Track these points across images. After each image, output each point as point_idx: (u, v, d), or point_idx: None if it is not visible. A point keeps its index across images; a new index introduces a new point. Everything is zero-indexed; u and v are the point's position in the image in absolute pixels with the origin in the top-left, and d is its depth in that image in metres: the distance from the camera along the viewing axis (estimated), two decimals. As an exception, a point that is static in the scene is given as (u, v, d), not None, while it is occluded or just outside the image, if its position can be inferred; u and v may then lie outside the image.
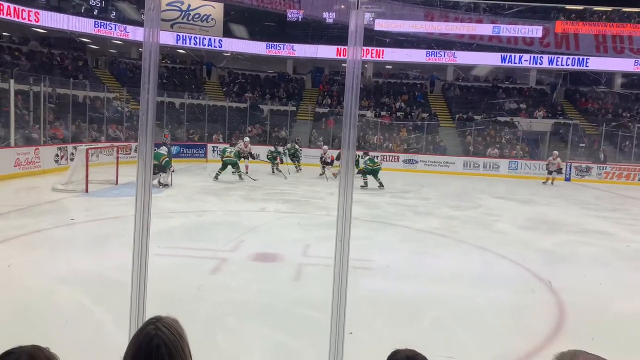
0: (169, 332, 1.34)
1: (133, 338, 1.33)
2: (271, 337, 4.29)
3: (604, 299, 5.63)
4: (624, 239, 9.15)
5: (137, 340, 1.32)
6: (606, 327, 4.76)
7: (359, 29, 1.84)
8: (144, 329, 1.34)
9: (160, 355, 1.29)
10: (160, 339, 1.31)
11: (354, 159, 1.85)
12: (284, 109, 25.66)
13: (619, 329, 4.78)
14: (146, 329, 1.33)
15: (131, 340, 1.32)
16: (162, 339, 1.31)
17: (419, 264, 6.94)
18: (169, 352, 1.31)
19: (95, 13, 25.80)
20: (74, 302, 4.82)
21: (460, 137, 24.47)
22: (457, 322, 4.79)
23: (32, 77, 17.13)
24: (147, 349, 1.29)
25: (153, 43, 1.64)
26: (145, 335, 1.32)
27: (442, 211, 11.41)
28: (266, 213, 10.20)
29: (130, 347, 1.32)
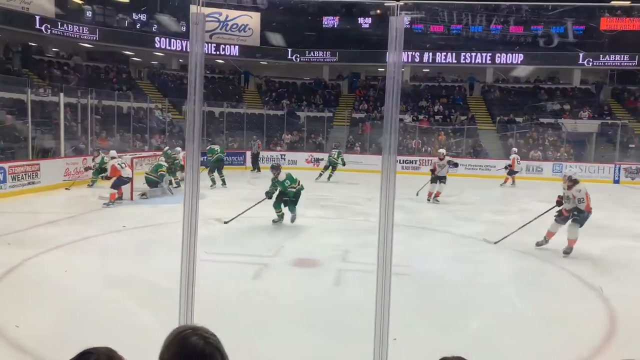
0: (215, 339, 1.36)
1: (177, 349, 1.32)
2: (313, 342, 4.30)
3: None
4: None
5: (185, 351, 1.31)
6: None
7: (399, 33, 1.84)
8: (188, 339, 1.33)
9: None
10: (212, 347, 1.33)
11: (395, 165, 1.84)
12: (320, 115, 25.79)
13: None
14: (190, 340, 1.33)
15: (175, 351, 1.32)
16: (214, 346, 1.33)
17: (461, 270, 6.81)
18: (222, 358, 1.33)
19: (137, 27, 26.76)
20: (122, 306, 4.98)
21: (502, 140, 23.90)
22: (502, 330, 4.68)
23: (80, 90, 17.87)
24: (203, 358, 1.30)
25: (198, 54, 1.69)
26: (194, 346, 1.31)
27: (484, 216, 11.17)
28: (305, 218, 10.25)
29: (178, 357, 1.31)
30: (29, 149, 13.85)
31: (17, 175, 11.95)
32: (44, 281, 5.66)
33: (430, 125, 24.69)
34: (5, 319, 4.52)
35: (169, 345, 1.35)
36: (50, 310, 4.79)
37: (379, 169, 7.69)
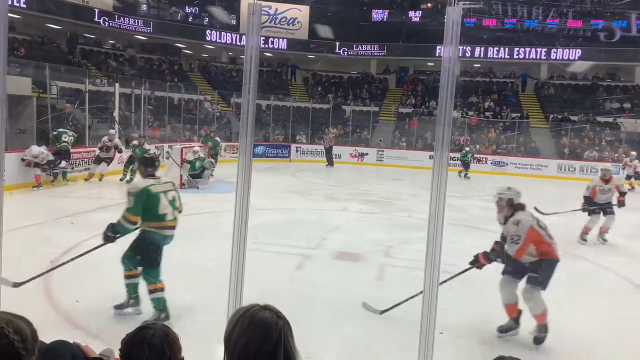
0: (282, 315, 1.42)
1: (249, 324, 1.36)
2: (353, 335, 4.32)
3: None
4: None
5: (258, 325, 1.36)
6: None
7: (455, 25, 1.80)
8: (259, 314, 1.38)
9: (285, 332, 1.37)
10: (283, 319, 1.39)
11: (447, 160, 1.80)
12: (366, 109, 25.64)
13: None
14: (262, 314, 1.38)
15: (246, 326, 1.36)
16: (283, 319, 1.39)
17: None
18: (290, 331, 1.39)
19: (190, 20, 27.42)
20: (171, 289, 5.15)
21: (555, 139, 23.02)
22: (552, 333, 4.52)
23: (133, 81, 18.53)
24: (276, 327, 1.36)
25: (254, 46, 1.71)
26: (266, 319, 1.37)
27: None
28: (348, 213, 10.25)
29: (242, 333, 1.35)
30: (87, 136, 14.50)
31: (74, 161, 12.54)
32: (97, 262, 5.92)
33: (480, 122, 24.09)
34: (61, 295, 4.77)
35: (238, 321, 1.38)
36: (102, 289, 5.01)
37: (425, 165, 7.67)
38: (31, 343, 1.29)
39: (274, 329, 1.35)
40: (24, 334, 1.28)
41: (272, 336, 1.35)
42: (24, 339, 1.26)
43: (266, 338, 1.34)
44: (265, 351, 1.33)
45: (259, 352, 1.33)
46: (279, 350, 1.34)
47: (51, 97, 14.74)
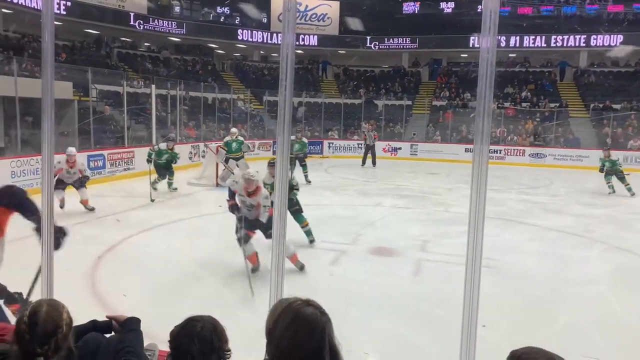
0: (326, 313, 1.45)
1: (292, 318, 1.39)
2: (392, 330, 4.31)
3: None
4: None
5: (302, 320, 1.39)
6: None
7: (493, 14, 1.77)
8: (303, 309, 1.41)
9: (330, 329, 1.41)
10: (326, 317, 1.42)
11: (487, 153, 1.77)
12: (399, 103, 25.38)
13: None
14: (305, 310, 1.41)
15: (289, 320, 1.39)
16: (327, 317, 1.42)
17: (548, 264, 6.46)
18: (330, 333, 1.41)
19: (221, 20, 27.78)
20: (211, 283, 5.27)
21: (596, 129, 22.22)
22: (593, 326, 4.41)
23: (169, 82, 18.93)
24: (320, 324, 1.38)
25: (290, 44, 1.72)
26: (309, 315, 1.39)
27: (574, 209, 10.51)
28: (382, 208, 10.21)
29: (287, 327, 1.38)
30: (125, 137, 14.92)
31: (114, 161, 12.94)
32: (140, 259, 6.11)
33: (516, 113, 23.49)
34: (107, 290, 4.95)
35: (281, 315, 1.40)
36: (144, 285, 5.17)
37: (460, 158, 7.54)
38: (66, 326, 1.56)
39: (318, 327, 1.37)
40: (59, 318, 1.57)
41: (316, 333, 1.36)
42: (58, 321, 1.55)
43: (311, 335, 1.35)
44: (310, 348, 1.35)
45: (304, 349, 1.35)
46: (324, 347, 1.36)
47: (92, 100, 15.23)
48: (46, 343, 1.50)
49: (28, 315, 1.54)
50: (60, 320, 1.56)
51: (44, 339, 1.50)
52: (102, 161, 12.55)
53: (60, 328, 1.54)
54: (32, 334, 1.50)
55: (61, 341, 1.53)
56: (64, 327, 1.55)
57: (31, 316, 1.54)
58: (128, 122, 15.71)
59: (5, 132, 12.58)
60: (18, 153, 11.20)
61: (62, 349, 1.54)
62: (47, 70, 2.22)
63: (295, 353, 1.34)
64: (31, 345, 1.49)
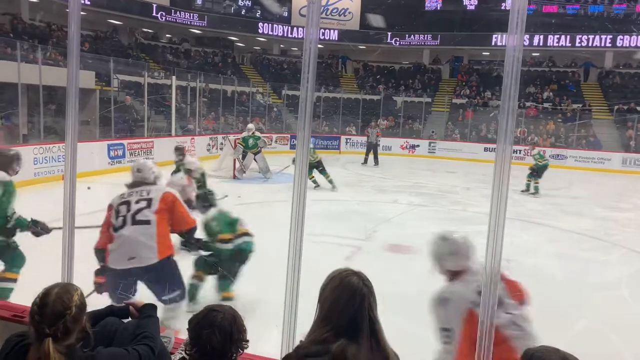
0: (371, 284, 1.63)
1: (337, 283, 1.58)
2: (407, 328, 4.28)
3: None
4: None
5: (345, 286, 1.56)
6: None
7: (521, 11, 1.74)
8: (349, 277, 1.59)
9: (371, 301, 1.58)
10: (367, 289, 1.59)
11: (511, 152, 1.74)
12: (418, 100, 25.20)
13: None
14: (351, 278, 1.59)
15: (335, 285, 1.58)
16: (368, 288, 1.59)
17: (567, 267, 6.37)
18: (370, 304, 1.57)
19: (242, 13, 27.84)
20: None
21: (619, 131, 21.77)
22: (614, 331, 4.33)
23: (189, 73, 19.07)
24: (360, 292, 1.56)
25: (313, 39, 1.71)
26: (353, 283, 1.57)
27: (595, 211, 10.33)
28: (399, 205, 10.16)
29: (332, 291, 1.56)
30: (145, 127, 15.09)
31: (134, 150, 13.10)
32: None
33: (538, 113, 23.14)
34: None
35: (332, 280, 1.59)
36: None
37: (479, 157, 7.42)
38: (76, 308, 1.59)
39: (358, 294, 1.53)
40: (69, 300, 1.60)
41: (356, 299, 1.52)
42: (68, 303, 1.58)
43: (351, 300, 1.52)
44: (350, 312, 1.51)
45: (344, 311, 1.51)
46: (362, 313, 1.52)
47: (113, 90, 15.43)
48: (54, 324, 1.52)
49: (40, 296, 1.58)
50: (70, 303, 1.57)
51: (53, 321, 1.52)
52: (122, 150, 12.72)
53: (69, 310, 1.55)
54: (42, 315, 1.53)
55: (70, 323, 1.55)
56: (72, 309, 1.56)
57: (42, 297, 1.57)
58: (148, 113, 15.88)
59: (28, 119, 12.81)
60: (41, 140, 11.40)
61: (72, 332, 1.56)
62: (73, 60, 2.25)
63: (337, 315, 1.51)
64: (40, 326, 1.52)
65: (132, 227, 3.22)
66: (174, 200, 3.43)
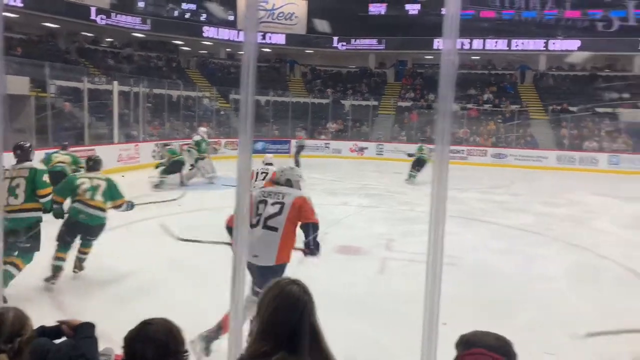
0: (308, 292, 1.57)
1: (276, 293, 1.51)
2: (357, 328, 4.32)
3: None
4: None
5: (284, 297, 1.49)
6: None
7: (455, 17, 1.78)
8: (287, 286, 1.52)
9: (310, 308, 1.51)
10: (308, 295, 1.53)
11: (448, 153, 1.79)
12: (365, 103, 25.59)
13: None
14: (290, 287, 1.52)
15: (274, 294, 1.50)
16: (308, 295, 1.54)
17: (510, 262, 6.63)
18: (314, 307, 1.52)
19: (187, 17, 27.32)
20: (174, 287, 5.16)
21: (554, 130, 22.98)
22: (553, 323, 4.54)
23: (132, 78, 18.48)
24: (301, 302, 1.50)
25: (253, 42, 1.70)
26: (292, 292, 1.51)
27: (534, 208, 10.82)
28: (349, 207, 10.26)
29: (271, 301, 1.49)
30: (85, 134, 14.48)
31: (74, 160, 12.51)
32: (103, 262, 5.93)
33: (479, 114, 24.04)
34: (67, 294, 4.78)
35: (271, 290, 1.53)
36: (106, 289, 5.02)
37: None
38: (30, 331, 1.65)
39: (299, 303, 1.48)
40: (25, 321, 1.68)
41: (297, 309, 1.47)
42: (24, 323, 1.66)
43: (291, 310, 1.47)
44: (291, 322, 1.46)
45: (285, 322, 1.46)
46: (303, 323, 1.47)
47: (50, 96, 14.71)
48: (11, 342, 1.58)
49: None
50: (25, 324, 1.67)
51: (9, 338, 1.59)
52: (61, 159, 12.11)
53: (25, 330, 1.63)
54: None
55: (24, 344, 1.61)
56: (28, 331, 1.64)
57: None
58: (89, 119, 15.26)
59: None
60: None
61: (24, 353, 1.60)
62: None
63: (277, 326, 1.45)
64: None
65: (262, 230, 3.63)
66: (302, 204, 3.77)
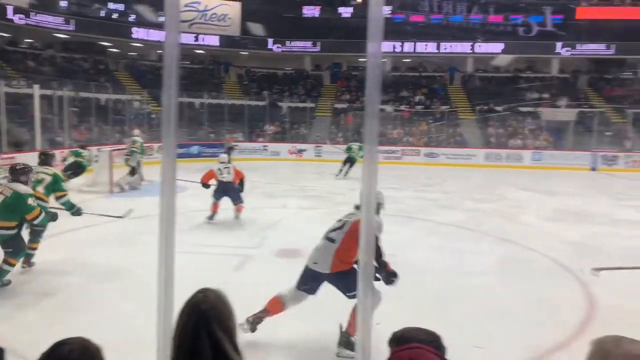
0: (216, 299, 1.44)
1: (182, 308, 1.42)
2: (301, 330, 4.31)
3: (638, 292, 5.46)
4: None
5: (186, 309, 1.40)
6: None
7: (379, 20, 1.80)
8: (193, 297, 1.44)
9: (208, 319, 1.38)
10: (208, 305, 1.41)
11: (377, 153, 1.80)
12: (302, 105, 25.68)
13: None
14: (195, 296, 1.43)
15: (180, 310, 1.42)
16: (210, 304, 1.41)
17: (444, 258, 6.86)
18: (217, 318, 1.39)
19: (114, 17, 26.22)
20: (107, 298, 4.92)
21: (482, 129, 24.13)
22: (485, 315, 4.73)
23: (55, 82, 17.48)
24: (195, 313, 1.38)
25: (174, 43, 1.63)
26: (193, 302, 1.41)
27: (465, 204, 11.27)
28: (288, 209, 10.23)
29: (179, 315, 1.41)
30: (2, 141, 13.53)
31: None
32: (29, 274, 5.56)
33: (411, 115, 24.80)
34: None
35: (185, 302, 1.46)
36: (33, 302, 4.70)
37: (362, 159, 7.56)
38: None
39: (195, 312, 1.39)
40: None
41: (190, 319, 1.38)
42: None
43: (187, 320, 1.38)
44: (187, 333, 1.36)
45: (182, 333, 1.37)
46: (200, 334, 1.35)
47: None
48: None
49: None
50: None
51: None
52: (-24, 169, 11.26)
53: None
54: None
55: None
56: None
57: None
58: (7, 125, 14.26)
59: None
60: None
61: None
62: None
63: (176, 338, 1.37)
64: None
65: (323, 240, 4.14)
66: None
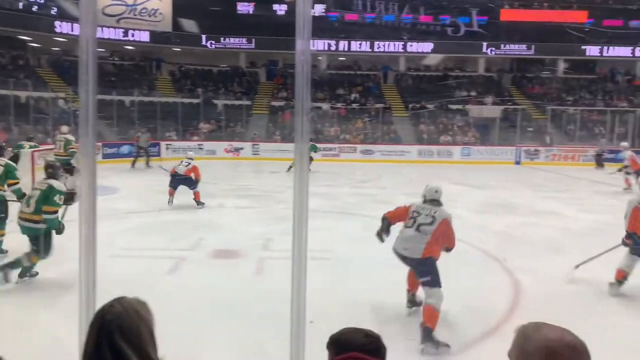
0: (123, 309, 1.33)
1: (94, 317, 1.35)
2: (237, 332, 4.25)
3: (558, 278, 5.82)
4: (575, 218, 9.57)
5: (93, 320, 1.33)
6: (560, 306, 4.95)
7: (307, 18, 1.80)
8: (101, 308, 1.35)
9: (110, 329, 1.28)
10: (112, 315, 1.30)
11: (308, 150, 1.81)
12: (238, 103, 25.32)
13: (572, 307, 4.99)
14: (102, 307, 1.35)
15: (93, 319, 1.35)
16: (114, 314, 1.31)
17: (380, 251, 6.99)
18: (120, 328, 1.28)
19: (34, 10, 24.63)
20: (26, 308, 4.63)
21: (414, 126, 24.89)
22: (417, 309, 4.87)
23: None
24: (98, 323, 1.30)
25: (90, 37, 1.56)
26: (99, 313, 1.33)
27: (400, 199, 11.51)
28: (225, 209, 10.07)
29: (88, 327, 1.33)
30: None
31: None
32: None
33: (347, 113, 25.14)
34: None
35: None
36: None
37: (298, 156, 7.45)
38: None
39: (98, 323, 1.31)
40: None
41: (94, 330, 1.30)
42: None
43: (92, 330, 1.31)
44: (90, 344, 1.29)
45: (87, 344, 1.29)
46: (102, 345, 1.27)
47: None
48: None
49: None
50: None
51: None
52: None
53: None
54: None
55: None
56: None
57: None
58: None
59: None
60: None
61: None
62: None
63: (84, 351, 1.29)
64: None
65: (414, 231, 4.53)
66: (448, 225, 4.56)
